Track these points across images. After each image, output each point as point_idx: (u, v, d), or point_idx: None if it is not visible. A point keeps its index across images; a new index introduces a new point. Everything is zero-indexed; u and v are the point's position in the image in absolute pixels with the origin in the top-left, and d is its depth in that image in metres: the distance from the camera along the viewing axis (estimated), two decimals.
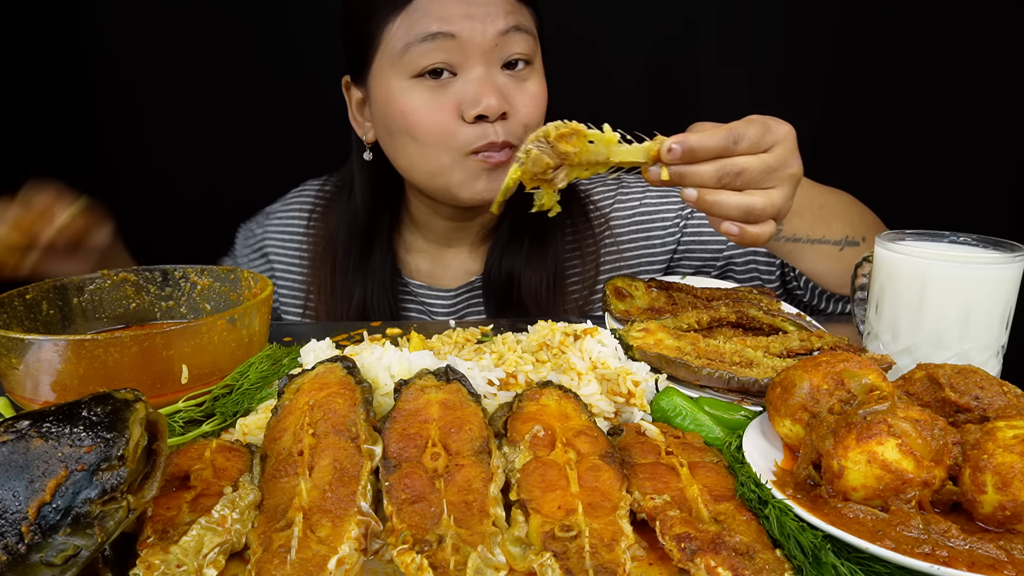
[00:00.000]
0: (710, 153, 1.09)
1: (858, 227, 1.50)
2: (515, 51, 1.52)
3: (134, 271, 1.34)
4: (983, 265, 1.10)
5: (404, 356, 1.06)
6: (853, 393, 0.87)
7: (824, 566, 0.70)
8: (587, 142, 1.08)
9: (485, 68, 1.50)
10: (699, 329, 1.32)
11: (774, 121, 1.15)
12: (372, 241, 1.77)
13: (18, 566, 0.65)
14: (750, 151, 1.11)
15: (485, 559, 0.69)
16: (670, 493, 0.80)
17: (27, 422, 0.72)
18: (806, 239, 1.45)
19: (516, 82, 1.54)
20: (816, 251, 1.47)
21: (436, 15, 1.47)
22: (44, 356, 1.02)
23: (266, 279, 1.28)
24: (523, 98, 1.53)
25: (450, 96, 1.49)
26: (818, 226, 1.45)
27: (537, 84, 1.57)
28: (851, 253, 1.48)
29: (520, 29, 1.52)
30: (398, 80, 1.52)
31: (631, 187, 1.86)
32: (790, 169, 1.15)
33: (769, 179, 1.13)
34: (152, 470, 0.74)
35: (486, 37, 1.48)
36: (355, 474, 0.79)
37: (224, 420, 1.06)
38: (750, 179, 1.11)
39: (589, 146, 1.09)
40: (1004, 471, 0.72)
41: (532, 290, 1.72)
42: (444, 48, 1.47)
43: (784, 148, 1.14)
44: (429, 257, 1.85)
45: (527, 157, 1.07)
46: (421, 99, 1.50)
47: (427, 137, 1.51)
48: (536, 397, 0.97)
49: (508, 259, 1.75)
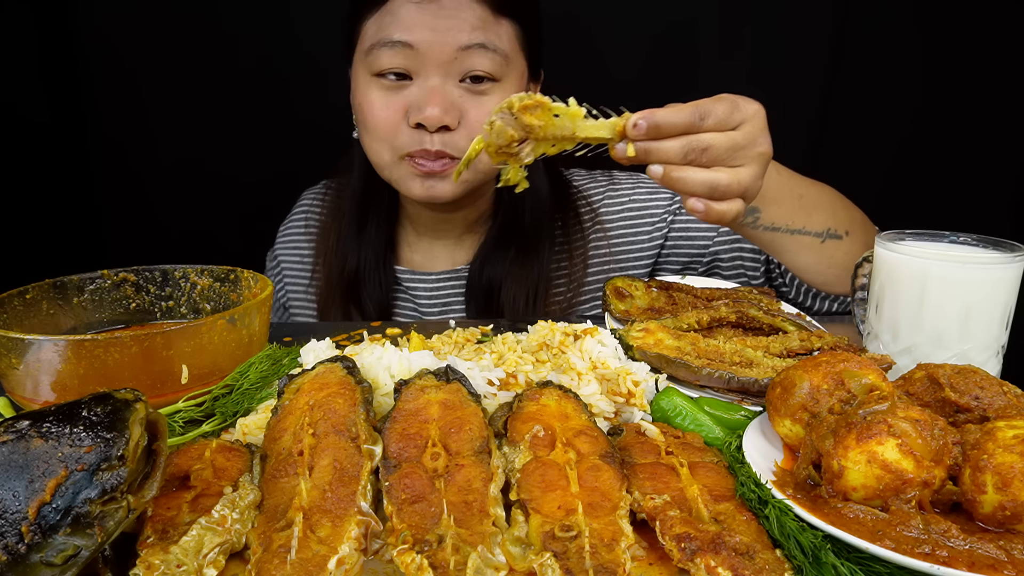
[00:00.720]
0: (676, 129, 1.09)
1: (841, 221, 1.50)
2: (476, 68, 1.54)
3: (134, 271, 1.34)
4: (983, 265, 1.10)
5: (404, 356, 1.06)
6: (853, 393, 0.87)
7: (824, 566, 0.70)
8: (552, 115, 1.06)
9: (440, 79, 1.54)
10: (699, 329, 1.32)
11: (743, 100, 1.15)
12: (367, 212, 1.82)
13: (18, 566, 0.65)
14: (717, 128, 1.11)
15: (485, 559, 0.69)
16: (670, 493, 0.80)
17: (27, 422, 0.72)
18: (786, 228, 1.45)
19: (473, 96, 1.56)
20: (796, 243, 1.48)
21: (402, 22, 1.52)
22: (44, 356, 1.02)
23: (266, 279, 1.28)
24: (477, 112, 1.55)
25: (402, 98, 1.56)
26: (798, 216, 1.45)
27: (497, 100, 1.54)
28: (833, 247, 1.50)
29: (486, 47, 1.53)
30: (363, 74, 1.60)
31: (621, 183, 1.88)
32: (758, 148, 1.15)
33: (736, 157, 1.13)
34: (152, 470, 0.74)
35: (444, 51, 1.52)
36: (355, 474, 0.79)
37: (224, 420, 1.06)
38: (716, 156, 1.11)
39: (554, 120, 1.06)
40: (1004, 471, 0.72)
41: (511, 301, 1.76)
42: (402, 55, 1.53)
43: (753, 126, 1.14)
44: (421, 249, 1.90)
45: (491, 129, 1.05)
46: (377, 96, 1.58)
47: (375, 132, 1.60)
48: (536, 397, 0.97)
49: (491, 267, 1.78)
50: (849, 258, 1.52)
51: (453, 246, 1.88)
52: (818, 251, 1.50)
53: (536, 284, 1.76)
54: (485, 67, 1.54)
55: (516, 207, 1.77)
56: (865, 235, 1.56)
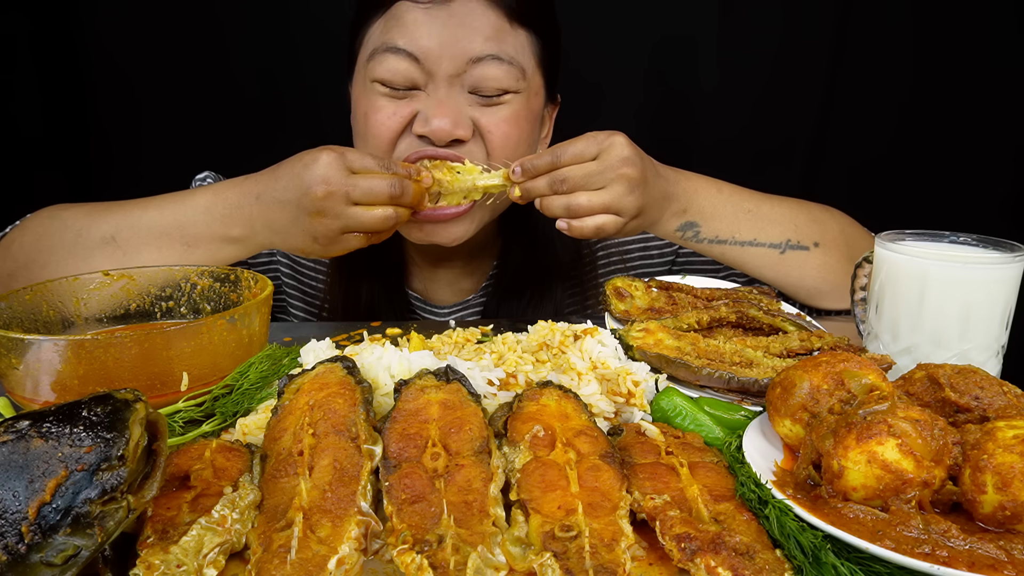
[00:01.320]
0: (539, 170, 1.36)
1: (806, 233, 1.57)
2: (488, 81, 1.45)
3: (134, 271, 1.34)
4: (983, 265, 1.10)
5: (404, 356, 1.06)
6: (853, 393, 0.87)
7: (824, 566, 0.70)
8: (455, 172, 1.42)
9: (447, 90, 1.45)
10: (699, 329, 1.32)
11: (603, 134, 1.36)
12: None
13: (18, 566, 0.65)
14: (573, 161, 1.35)
15: (485, 559, 0.69)
16: (670, 493, 0.80)
17: (27, 422, 0.72)
18: (733, 241, 1.55)
19: (487, 110, 1.48)
20: (749, 254, 1.56)
21: (408, 30, 1.43)
22: (44, 356, 1.02)
23: (266, 279, 1.28)
24: (490, 127, 1.47)
25: (407, 106, 1.47)
26: (745, 229, 1.54)
27: (512, 117, 1.48)
28: (800, 258, 1.56)
29: (500, 59, 1.44)
30: (364, 82, 1.51)
31: None
32: (617, 171, 1.35)
33: (593, 181, 1.35)
34: (152, 470, 0.74)
35: (454, 62, 1.43)
36: (355, 474, 0.79)
37: (224, 420, 1.06)
38: (575, 184, 1.35)
39: (457, 176, 1.41)
40: (1004, 471, 0.72)
41: None
42: (406, 64, 1.44)
43: (610, 155, 1.35)
44: (423, 273, 1.85)
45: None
46: (380, 103, 1.48)
47: (374, 140, 1.50)
48: (536, 397, 0.97)
49: (507, 306, 1.78)
50: (825, 270, 1.58)
51: (458, 272, 1.83)
52: (781, 263, 1.57)
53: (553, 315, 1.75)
54: (499, 80, 1.45)
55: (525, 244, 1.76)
56: (848, 247, 1.59)
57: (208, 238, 1.42)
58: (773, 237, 1.55)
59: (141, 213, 1.45)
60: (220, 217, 1.40)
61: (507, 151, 1.49)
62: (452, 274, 1.83)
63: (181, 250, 1.43)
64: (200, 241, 1.42)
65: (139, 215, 1.45)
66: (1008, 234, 1.17)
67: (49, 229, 1.47)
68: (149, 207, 1.45)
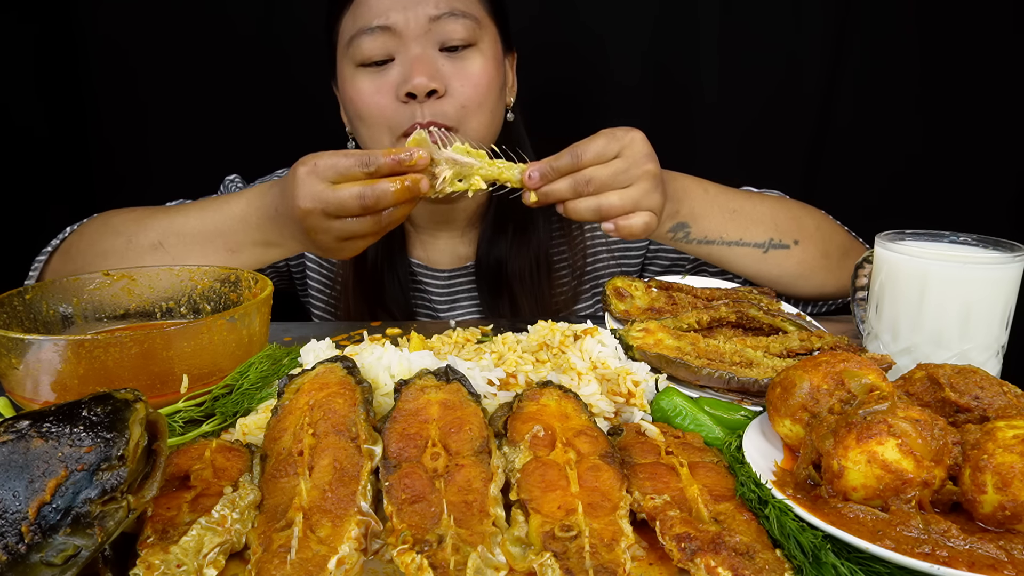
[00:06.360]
0: (560, 172, 1.30)
1: (786, 231, 1.60)
2: (450, 35, 1.57)
3: (134, 271, 1.34)
4: (983, 265, 1.10)
5: (404, 356, 1.06)
6: (853, 393, 0.87)
7: (824, 566, 0.70)
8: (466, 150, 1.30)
9: (421, 49, 1.56)
10: (699, 329, 1.32)
11: (621, 130, 1.32)
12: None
13: (18, 566, 0.65)
14: (596, 161, 1.30)
15: (485, 559, 0.69)
16: (670, 493, 0.80)
17: (27, 422, 0.72)
18: (721, 241, 1.57)
19: (455, 63, 1.58)
20: (736, 254, 1.59)
21: (375, 9, 1.57)
22: (44, 356, 1.02)
23: (266, 279, 1.28)
24: (459, 79, 1.57)
25: (388, 79, 1.58)
26: (731, 229, 1.57)
27: (478, 65, 1.60)
28: (781, 256, 1.59)
29: (455, 14, 1.57)
30: (349, 68, 1.63)
31: None
32: (642, 167, 1.31)
33: (620, 180, 1.31)
34: (152, 470, 0.74)
35: (418, 24, 1.56)
36: (355, 474, 0.79)
37: (224, 420, 1.06)
38: (601, 184, 1.30)
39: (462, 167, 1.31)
40: (1004, 471, 0.72)
41: (518, 275, 1.80)
42: (381, 39, 1.57)
43: (632, 151, 1.31)
44: (422, 240, 1.91)
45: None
46: (365, 83, 1.59)
47: (370, 119, 1.61)
48: (536, 397, 0.97)
49: (495, 247, 1.83)
50: (803, 266, 1.62)
51: (457, 240, 1.89)
52: (763, 261, 1.60)
53: (537, 254, 1.81)
54: (459, 33, 1.58)
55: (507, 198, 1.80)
56: (824, 241, 1.63)
57: (250, 244, 1.49)
58: (757, 237, 1.58)
59: (184, 220, 1.53)
60: (255, 226, 1.47)
61: (479, 96, 1.59)
62: (451, 242, 1.90)
63: (226, 255, 1.50)
64: (243, 247, 1.50)
65: (182, 222, 1.52)
66: (1011, 234, 1.17)
67: (103, 235, 1.58)
68: (191, 214, 1.53)
